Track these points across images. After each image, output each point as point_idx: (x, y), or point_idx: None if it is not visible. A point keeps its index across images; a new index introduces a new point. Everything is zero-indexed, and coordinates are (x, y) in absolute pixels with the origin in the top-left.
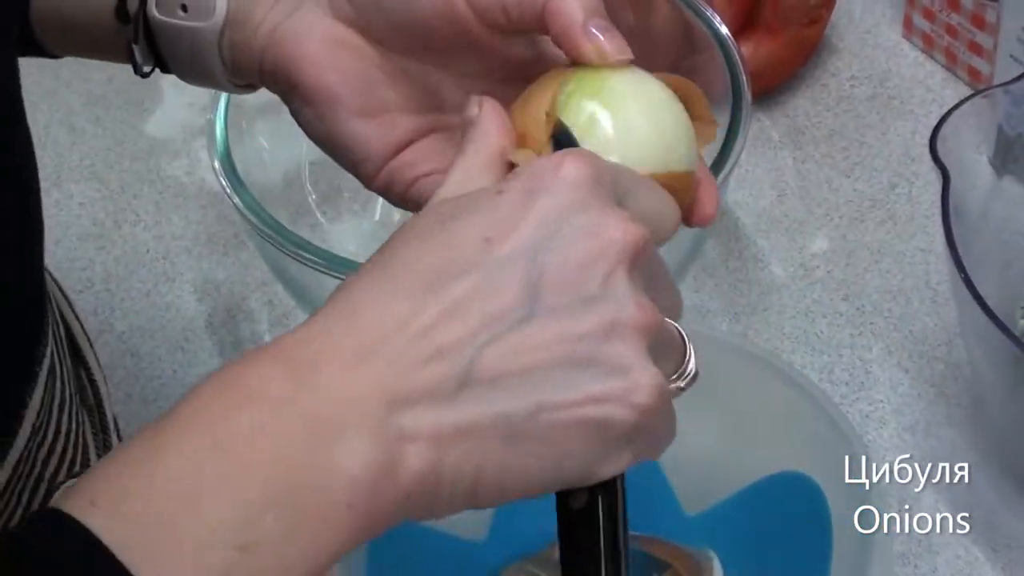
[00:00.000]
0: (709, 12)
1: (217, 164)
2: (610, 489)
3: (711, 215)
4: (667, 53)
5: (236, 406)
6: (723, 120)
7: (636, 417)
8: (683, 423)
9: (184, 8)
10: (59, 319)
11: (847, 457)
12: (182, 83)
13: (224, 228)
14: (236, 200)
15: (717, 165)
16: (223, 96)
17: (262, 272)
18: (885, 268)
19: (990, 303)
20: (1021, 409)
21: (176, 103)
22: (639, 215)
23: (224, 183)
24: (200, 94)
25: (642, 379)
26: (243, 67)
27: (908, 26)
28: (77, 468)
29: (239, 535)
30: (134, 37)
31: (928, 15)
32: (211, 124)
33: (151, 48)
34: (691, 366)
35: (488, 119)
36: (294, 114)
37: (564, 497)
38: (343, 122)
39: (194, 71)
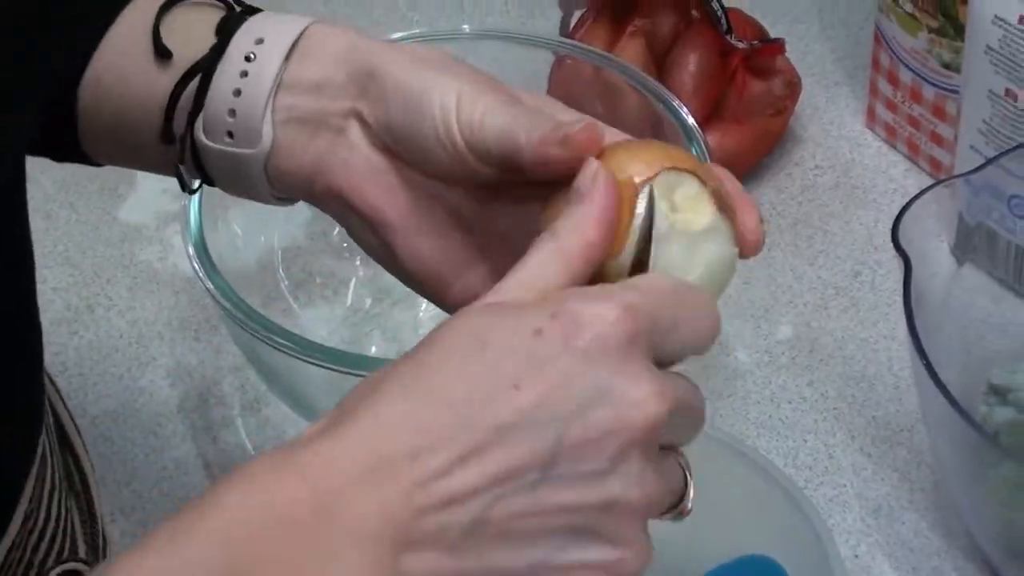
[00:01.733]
0: (676, 103)
1: (191, 249)
2: None
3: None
4: None
5: (257, 532)
6: None
7: None
8: None
9: (231, 135)
10: (48, 404)
11: (811, 541)
12: None
13: (196, 313)
14: (209, 285)
15: None
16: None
17: (234, 356)
18: (848, 355)
19: (952, 389)
20: (983, 494)
21: (150, 189)
22: (678, 349)
23: (198, 268)
24: (174, 181)
25: (631, 555)
26: (291, 190)
27: (871, 117)
28: (66, 555)
29: None
30: (180, 158)
31: (890, 106)
32: (186, 210)
33: (197, 166)
34: (688, 506)
35: (587, 208)
36: (351, 234)
37: None
38: (400, 244)
39: (240, 189)
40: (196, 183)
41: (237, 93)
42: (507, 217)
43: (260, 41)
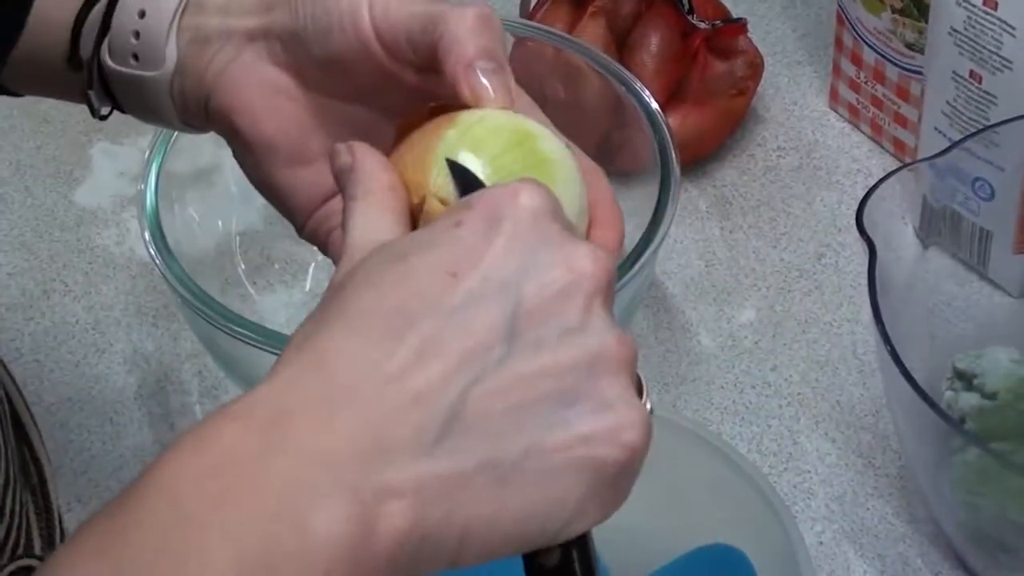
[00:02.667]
0: (638, 85)
1: (147, 235)
2: (583, 543)
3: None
4: (597, 125)
5: (203, 473)
6: (652, 191)
7: (626, 456)
8: None
9: (136, 57)
10: (3, 395)
11: (776, 528)
12: (112, 153)
13: (154, 299)
14: (166, 271)
15: (647, 236)
16: (153, 166)
17: (192, 343)
18: (812, 338)
19: (916, 374)
20: (948, 480)
21: (106, 173)
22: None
23: (154, 254)
24: (130, 164)
25: (630, 415)
26: (192, 112)
27: (834, 97)
28: (20, 551)
29: None
30: (88, 83)
31: (854, 86)
32: (141, 194)
33: (106, 91)
34: (649, 405)
35: (367, 161)
36: (236, 157)
37: (534, 556)
38: (277, 171)
39: (148, 113)
40: (106, 109)
41: (142, 14)
42: (386, 133)
43: None
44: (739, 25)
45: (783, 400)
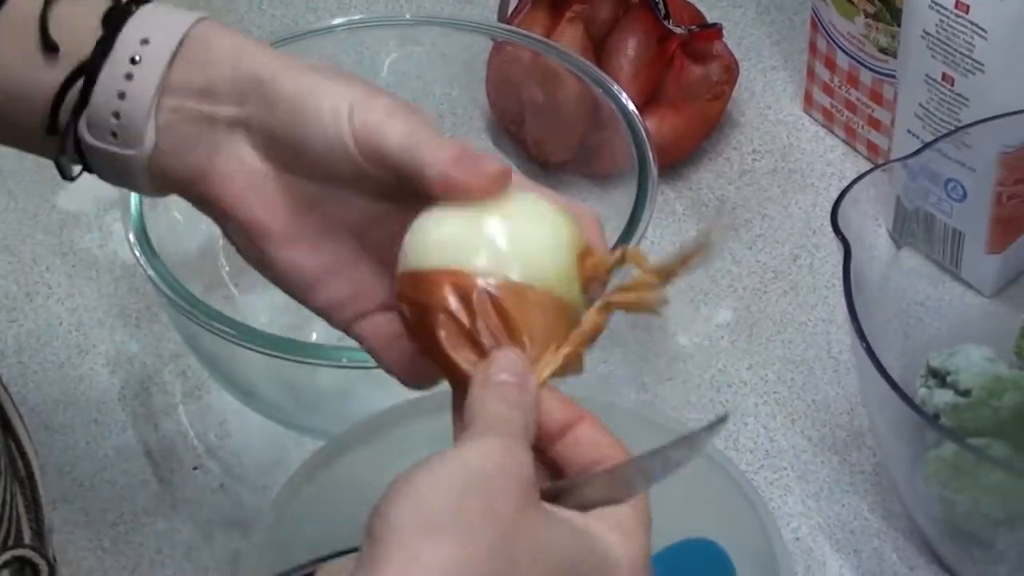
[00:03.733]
0: (615, 88)
1: (132, 236)
2: None
3: None
4: (575, 128)
5: None
6: (629, 193)
7: None
8: None
9: (115, 135)
10: None
11: (753, 524)
12: None
13: (137, 300)
14: (150, 271)
15: (624, 238)
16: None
17: (175, 344)
18: (788, 338)
19: (890, 372)
20: (923, 476)
21: (89, 177)
22: None
23: (138, 254)
24: None
25: None
26: (172, 190)
27: (808, 101)
28: (11, 542)
29: None
30: (62, 149)
31: (828, 90)
32: (126, 196)
33: (79, 154)
34: None
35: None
36: (229, 238)
37: None
38: (274, 251)
39: (121, 183)
40: (76, 169)
41: (122, 96)
42: (387, 221)
43: (145, 42)
44: (714, 30)
45: (759, 398)
